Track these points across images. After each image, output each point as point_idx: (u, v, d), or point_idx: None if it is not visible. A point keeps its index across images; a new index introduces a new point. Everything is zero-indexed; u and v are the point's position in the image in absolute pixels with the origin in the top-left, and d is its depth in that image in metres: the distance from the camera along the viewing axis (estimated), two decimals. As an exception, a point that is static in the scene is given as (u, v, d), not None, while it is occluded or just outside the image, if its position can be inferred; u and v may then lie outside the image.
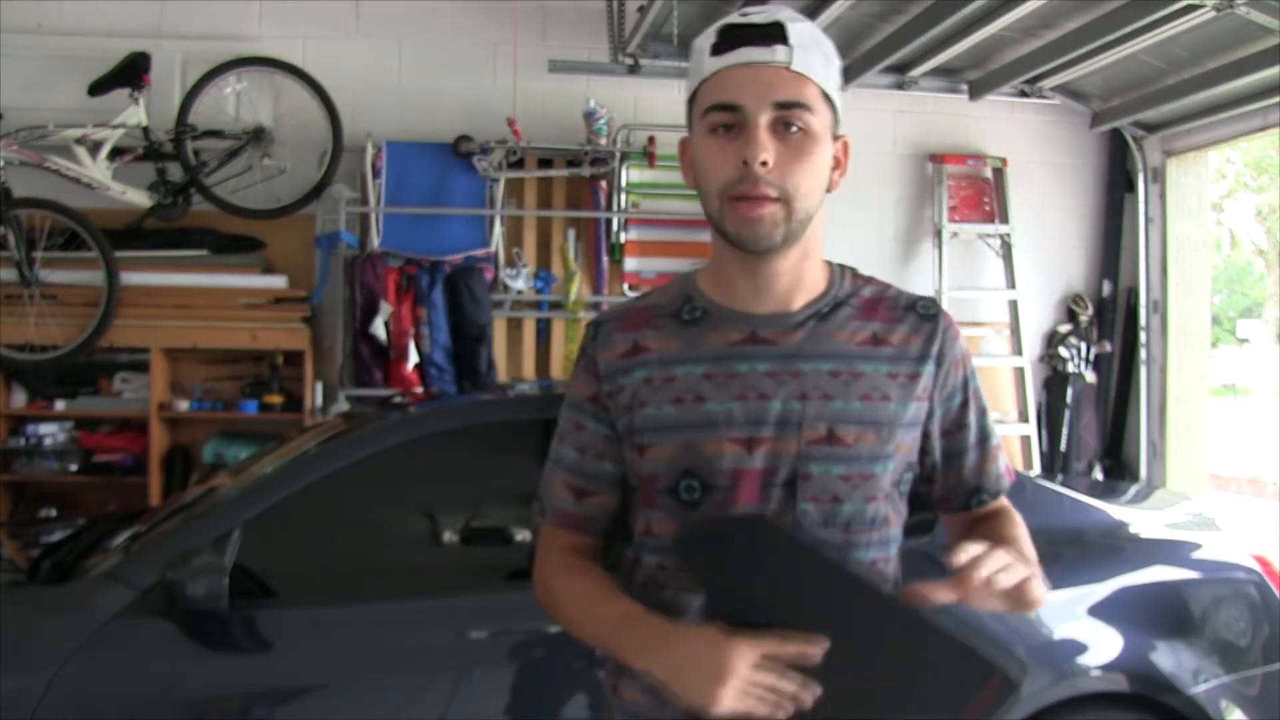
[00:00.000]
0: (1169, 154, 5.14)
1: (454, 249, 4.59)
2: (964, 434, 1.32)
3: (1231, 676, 2.54)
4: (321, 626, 2.27)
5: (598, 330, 1.30)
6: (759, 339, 1.23)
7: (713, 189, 1.20)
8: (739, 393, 1.21)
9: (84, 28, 4.61)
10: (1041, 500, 2.78)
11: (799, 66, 1.18)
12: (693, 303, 1.28)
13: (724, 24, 1.21)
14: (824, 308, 1.26)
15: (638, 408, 1.24)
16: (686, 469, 1.22)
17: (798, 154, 1.17)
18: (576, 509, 1.30)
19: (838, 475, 1.21)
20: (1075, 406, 5.20)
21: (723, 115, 1.18)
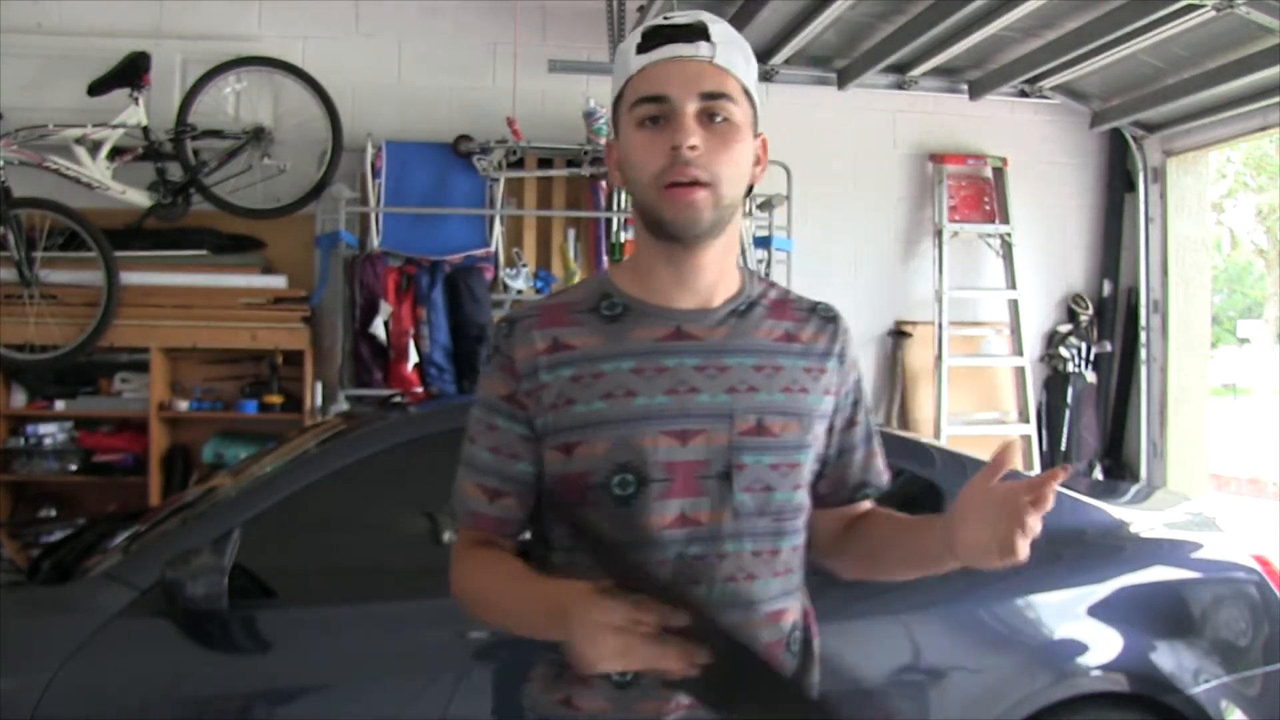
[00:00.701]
0: (1169, 154, 5.14)
1: (454, 249, 4.59)
2: (855, 430, 1.39)
3: (1232, 676, 2.54)
4: (321, 626, 2.27)
5: (512, 327, 1.28)
6: (684, 334, 1.26)
7: (645, 179, 1.22)
8: (669, 387, 1.24)
9: (84, 28, 4.60)
10: (1041, 500, 2.77)
11: (722, 61, 1.23)
12: (611, 299, 1.29)
13: (648, 25, 1.25)
14: (740, 306, 1.31)
15: (564, 405, 1.24)
16: (620, 464, 1.22)
17: (723, 142, 1.22)
18: (490, 510, 1.29)
19: (768, 464, 1.26)
20: (1075, 406, 5.21)
21: (650, 107, 1.22)
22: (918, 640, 2.44)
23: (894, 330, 5.20)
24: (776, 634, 1.29)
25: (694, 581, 1.23)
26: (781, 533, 1.28)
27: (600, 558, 1.15)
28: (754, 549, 1.25)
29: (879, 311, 5.21)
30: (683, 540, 1.23)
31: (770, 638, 1.27)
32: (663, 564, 1.22)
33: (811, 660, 1.36)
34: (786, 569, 1.29)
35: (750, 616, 1.25)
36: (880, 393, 5.22)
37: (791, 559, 1.30)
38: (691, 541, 1.23)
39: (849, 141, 5.18)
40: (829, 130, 5.15)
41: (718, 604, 1.22)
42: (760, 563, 1.26)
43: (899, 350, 5.17)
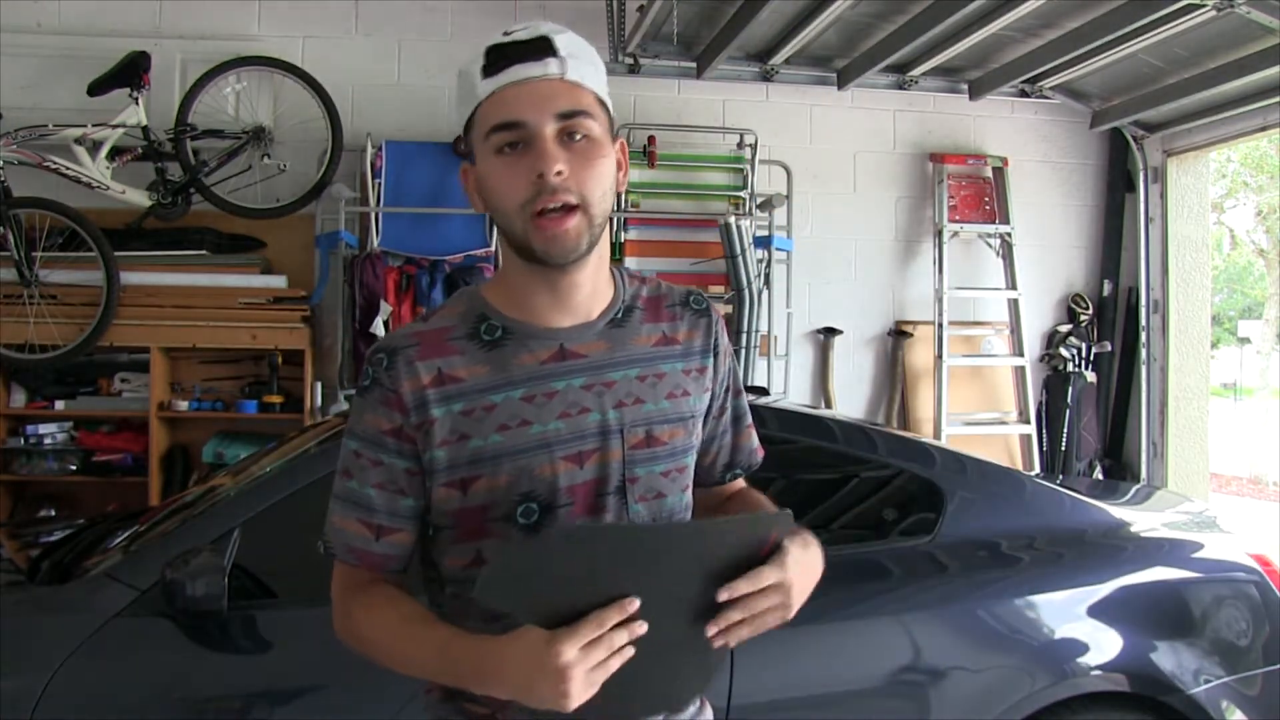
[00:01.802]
0: (1169, 154, 5.14)
1: (454, 249, 4.59)
2: (725, 416, 1.41)
3: (1232, 677, 2.53)
4: (321, 626, 2.26)
5: (393, 358, 1.22)
6: (568, 353, 1.25)
7: (511, 208, 1.19)
8: (561, 411, 1.23)
9: (84, 28, 4.61)
10: (1041, 500, 2.77)
11: (573, 76, 1.19)
12: (489, 321, 1.25)
13: (489, 45, 1.21)
14: (617, 313, 1.30)
15: (457, 441, 1.21)
16: (524, 494, 1.21)
17: (586, 160, 1.19)
18: (376, 548, 1.25)
19: (659, 473, 1.27)
20: (1075, 406, 5.21)
21: (507, 134, 1.18)
22: (918, 640, 2.43)
23: (894, 330, 5.20)
24: None
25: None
26: None
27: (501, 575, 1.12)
28: None
29: (879, 311, 5.21)
30: None
31: None
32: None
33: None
34: None
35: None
36: (880, 393, 5.22)
37: None
38: None
39: (849, 141, 5.19)
40: (829, 130, 5.15)
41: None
42: None
43: (899, 350, 5.18)
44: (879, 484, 2.67)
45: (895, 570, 2.50)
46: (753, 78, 4.96)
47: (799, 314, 4.96)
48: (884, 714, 2.37)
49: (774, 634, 1.33)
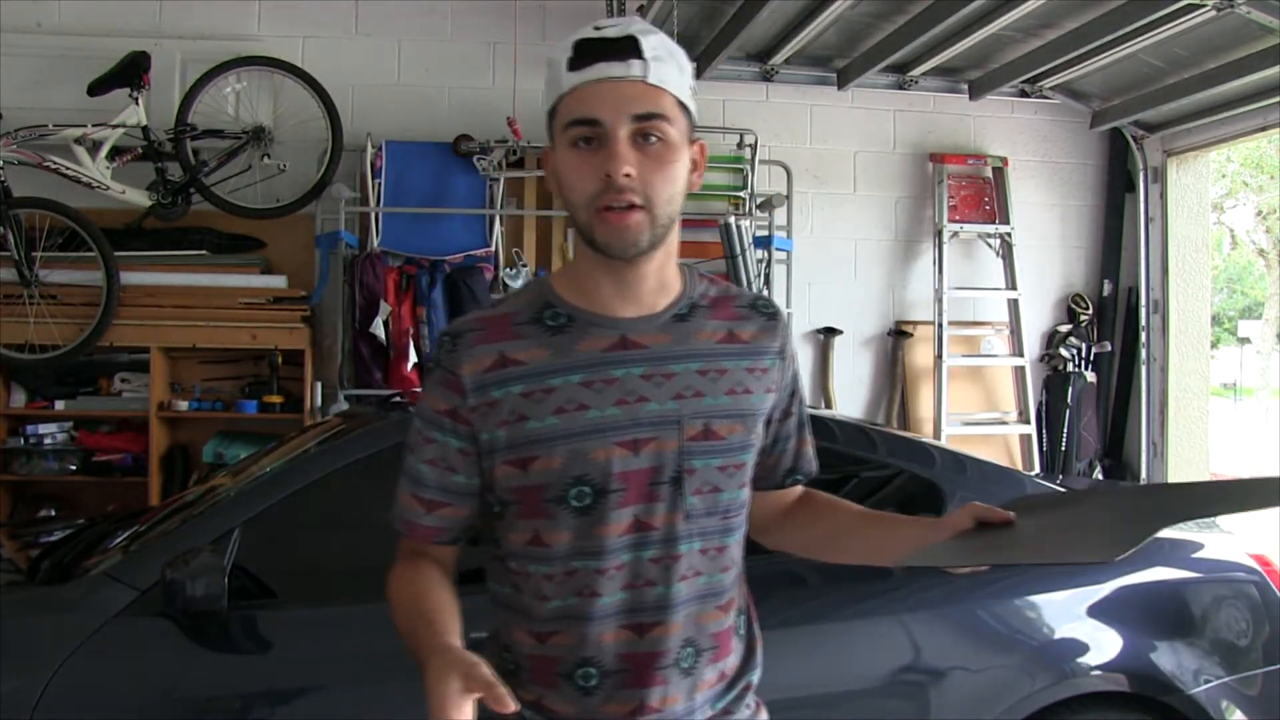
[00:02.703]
0: (1169, 154, 5.14)
1: (454, 249, 4.59)
2: (790, 421, 1.43)
3: (1232, 677, 2.54)
4: (321, 626, 2.27)
5: (455, 342, 1.27)
6: (629, 343, 1.27)
7: (580, 200, 1.22)
8: (618, 398, 1.25)
9: (84, 28, 4.61)
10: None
11: (654, 79, 1.21)
12: (554, 309, 1.29)
13: (578, 39, 1.23)
14: (682, 309, 1.32)
15: (517, 421, 1.24)
16: (577, 477, 1.24)
17: (657, 163, 1.21)
18: (426, 520, 1.31)
19: (716, 467, 1.28)
20: (1076, 406, 5.20)
21: (583, 130, 1.21)
22: (918, 640, 2.43)
23: (894, 330, 5.20)
24: (727, 622, 1.33)
25: (649, 583, 1.26)
26: (728, 529, 1.32)
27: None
28: (703, 547, 1.29)
29: (879, 311, 5.21)
30: (637, 545, 1.26)
31: (720, 627, 1.32)
32: (620, 568, 1.25)
33: (756, 641, 1.40)
34: (732, 562, 1.34)
35: (703, 610, 1.30)
36: (880, 393, 5.22)
37: (736, 552, 1.34)
38: (645, 546, 1.26)
39: (849, 141, 5.19)
40: (828, 130, 5.15)
41: (672, 602, 1.27)
42: (708, 560, 1.30)
43: (899, 350, 5.18)
44: (879, 484, 2.67)
45: (895, 570, 2.49)
46: (753, 78, 4.96)
47: (799, 314, 4.96)
48: (884, 714, 2.37)
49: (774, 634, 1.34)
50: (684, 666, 1.28)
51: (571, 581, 1.26)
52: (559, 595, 1.26)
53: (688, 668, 1.29)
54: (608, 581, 1.25)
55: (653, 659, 1.26)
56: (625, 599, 1.26)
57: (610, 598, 1.25)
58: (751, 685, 1.38)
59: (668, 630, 1.26)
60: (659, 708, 1.27)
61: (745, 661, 1.37)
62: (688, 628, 1.28)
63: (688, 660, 1.29)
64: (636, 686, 1.26)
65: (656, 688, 1.27)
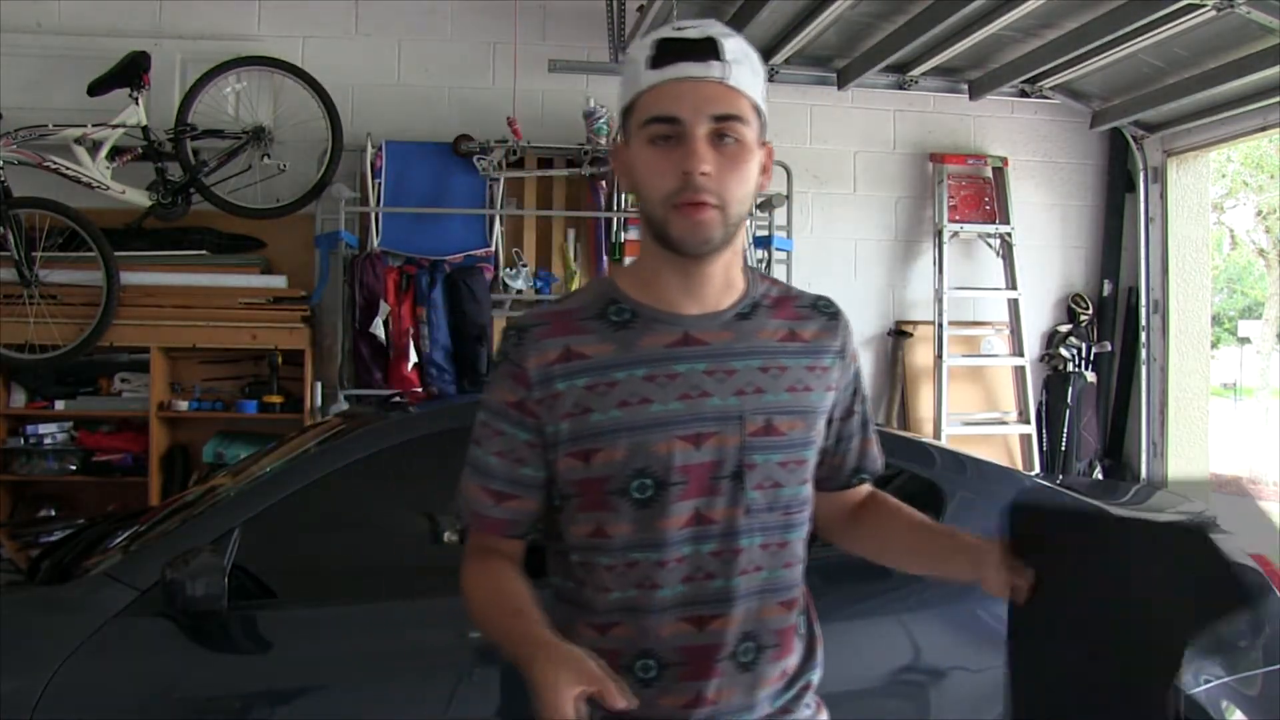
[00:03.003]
0: (1169, 154, 5.14)
1: (454, 249, 4.59)
2: (852, 420, 1.45)
3: (1232, 677, 2.54)
4: (321, 626, 2.27)
5: (522, 335, 1.30)
6: (692, 340, 1.30)
7: (655, 197, 1.25)
8: (681, 392, 1.27)
9: (84, 28, 4.61)
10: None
11: (733, 81, 1.23)
12: (618, 304, 1.32)
13: (660, 37, 1.25)
14: (744, 308, 1.34)
15: (581, 414, 1.27)
16: (639, 469, 1.26)
17: (732, 164, 1.24)
18: (496, 513, 1.33)
19: (777, 462, 1.30)
20: (1076, 406, 5.20)
21: (662, 127, 1.23)
22: (918, 640, 2.43)
23: (894, 330, 5.20)
24: (788, 620, 1.35)
25: (708, 576, 1.28)
26: (790, 525, 1.33)
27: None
28: (764, 542, 1.30)
29: (879, 311, 5.21)
30: (697, 538, 1.27)
31: (783, 624, 1.34)
32: (680, 560, 1.27)
33: (816, 640, 1.42)
34: (794, 559, 1.35)
35: (765, 605, 1.31)
36: (880, 393, 5.22)
37: (798, 549, 1.35)
38: (706, 539, 1.28)
39: (849, 141, 5.19)
40: (829, 130, 5.15)
41: (731, 596, 1.28)
42: (770, 555, 1.31)
43: (899, 350, 5.18)
44: (879, 484, 2.66)
45: (895, 570, 2.49)
46: (753, 77, 4.96)
47: (799, 314, 4.95)
48: (884, 714, 2.37)
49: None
50: (743, 661, 1.30)
51: (632, 574, 1.27)
52: (619, 587, 1.28)
53: (747, 663, 1.30)
54: (668, 574, 1.27)
55: (711, 652, 1.28)
56: (685, 592, 1.27)
57: (670, 590, 1.27)
58: (811, 685, 1.39)
59: (727, 623, 1.28)
60: (714, 700, 1.28)
61: (805, 660, 1.38)
62: (747, 622, 1.29)
63: (747, 655, 1.30)
64: (693, 679, 1.28)
65: (713, 680, 1.28)
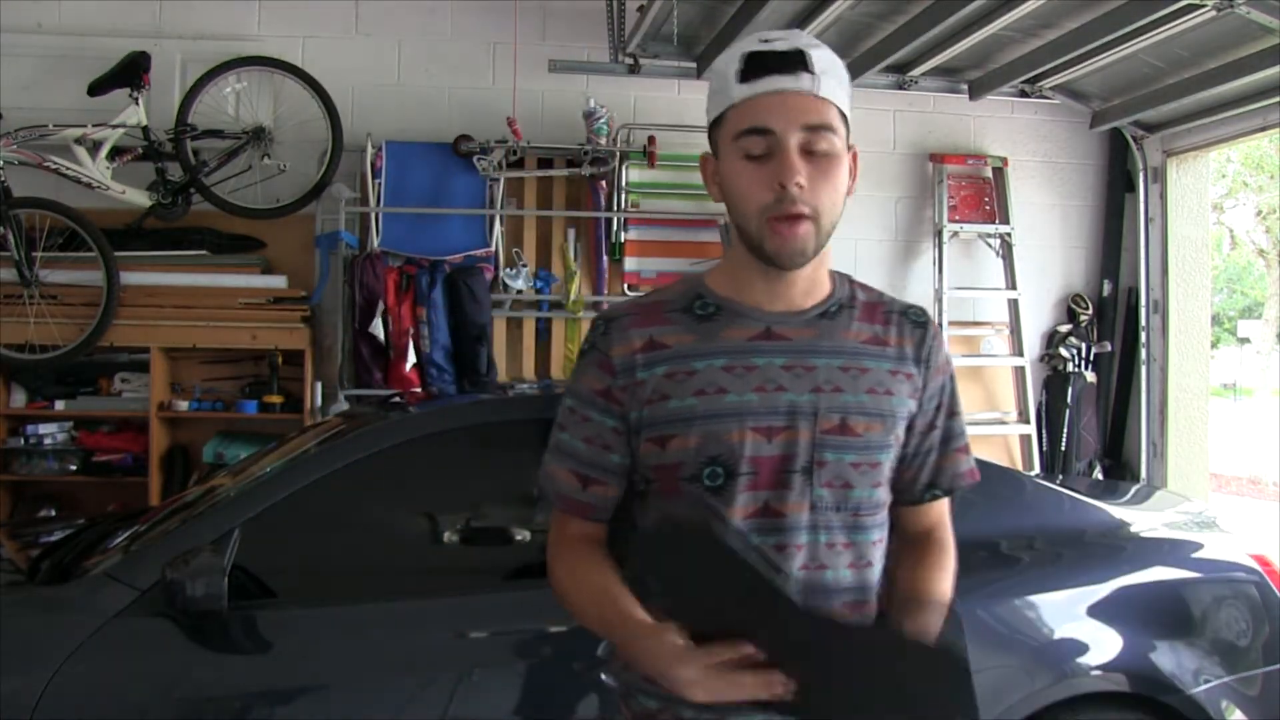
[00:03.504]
0: (1169, 154, 5.14)
1: (454, 249, 4.59)
2: (933, 434, 1.41)
3: (1232, 677, 2.54)
4: (321, 626, 2.27)
5: (609, 326, 1.34)
6: (773, 335, 1.32)
7: (750, 209, 1.27)
8: (757, 385, 1.29)
9: (84, 28, 4.61)
10: (1041, 500, 2.78)
11: (823, 92, 1.26)
12: (704, 299, 1.35)
13: (749, 51, 1.27)
14: (830, 308, 1.35)
15: (659, 401, 1.30)
16: (711, 457, 1.28)
17: (825, 174, 1.26)
18: (582, 496, 1.36)
19: (849, 462, 1.30)
20: (1075, 406, 5.20)
21: (755, 140, 1.25)
22: (918, 640, 2.43)
23: (894, 330, 5.19)
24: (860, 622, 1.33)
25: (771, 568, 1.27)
26: (859, 527, 1.32)
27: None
28: (828, 541, 1.31)
29: (879, 311, 5.20)
30: (763, 529, 1.29)
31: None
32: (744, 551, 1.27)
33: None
34: (865, 562, 1.33)
35: (827, 603, 1.30)
36: (880, 393, 5.21)
37: (870, 552, 1.34)
38: (770, 531, 1.29)
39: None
40: (829, 130, 5.15)
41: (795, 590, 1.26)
42: (834, 554, 1.31)
43: (899, 350, 5.17)
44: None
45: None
46: (753, 78, 4.95)
47: (799, 314, 4.95)
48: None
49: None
50: None
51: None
52: None
53: None
54: None
55: None
56: None
57: None
58: None
59: None
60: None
61: None
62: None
63: None
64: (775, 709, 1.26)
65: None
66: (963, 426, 1.44)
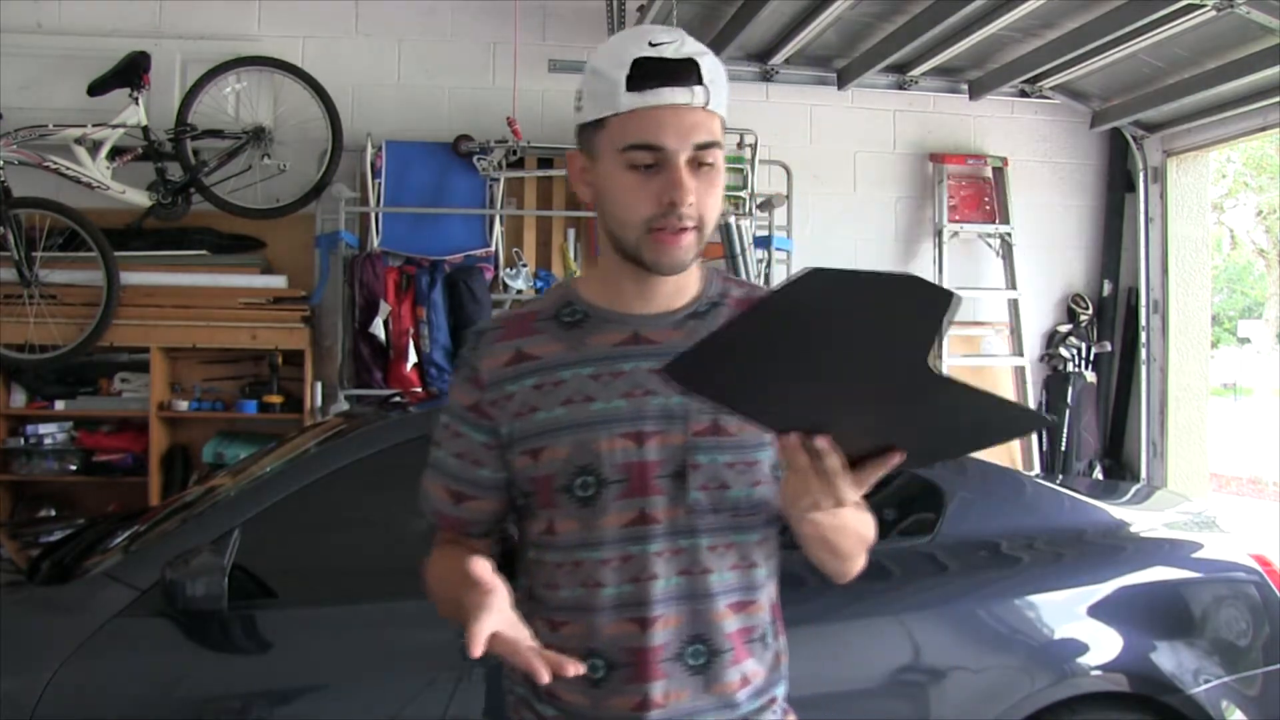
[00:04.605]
0: (1169, 154, 5.14)
1: (454, 249, 4.59)
2: None
3: (1232, 676, 2.54)
4: (321, 626, 2.27)
5: (479, 339, 1.34)
6: (641, 339, 1.29)
7: (633, 220, 1.23)
8: (625, 390, 1.27)
9: (84, 28, 4.61)
10: (1042, 500, 2.78)
11: (713, 105, 1.23)
12: (572, 306, 1.32)
13: (640, 56, 1.21)
14: (701, 307, 1.32)
15: (528, 413, 1.28)
16: (581, 467, 1.26)
17: (709, 186, 1.24)
18: (455, 512, 1.36)
19: (724, 463, 1.27)
20: (1075, 406, 5.20)
21: (645, 155, 1.21)
22: (918, 640, 2.44)
23: (894, 330, 5.19)
24: (743, 623, 1.31)
25: (651, 576, 1.26)
26: (740, 528, 1.30)
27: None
28: (709, 544, 1.28)
29: (879, 311, 5.20)
30: (641, 538, 1.26)
31: (734, 628, 1.30)
32: (625, 560, 1.26)
33: (782, 653, 1.37)
34: (748, 562, 1.31)
35: (710, 608, 1.28)
36: (880, 393, 5.21)
37: (753, 553, 1.31)
38: (649, 539, 1.26)
39: (849, 141, 5.18)
40: (829, 130, 5.15)
41: (675, 596, 1.26)
42: (715, 557, 1.28)
43: (899, 350, 5.17)
44: (879, 484, 2.66)
45: (895, 570, 2.50)
46: (753, 78, 4.96)
47: (799, 314, 4.95)
48: (884, 714, 2.37)
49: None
50: (693, 664, 1.27)
51: (578, 572, 1.28)
52: (568, 585, 1.29)
53: (698, 665, 1.28)
54: (611, 573, 1.26)
55: (655, 653, 1.26)
56: (630, 591, 1.26)
57: (614, 589, 1.26)
58: (777, 699, 1.35)
59: (668, 624, 1.26)
60: (663, 703, 1.26)
61: (771, 671, 1.34)
62: (695, 624, 1.27)
63: (698, 658, 1.28)
64: (640, 681, 1.26)
65: (658, 682, 1.26)
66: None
